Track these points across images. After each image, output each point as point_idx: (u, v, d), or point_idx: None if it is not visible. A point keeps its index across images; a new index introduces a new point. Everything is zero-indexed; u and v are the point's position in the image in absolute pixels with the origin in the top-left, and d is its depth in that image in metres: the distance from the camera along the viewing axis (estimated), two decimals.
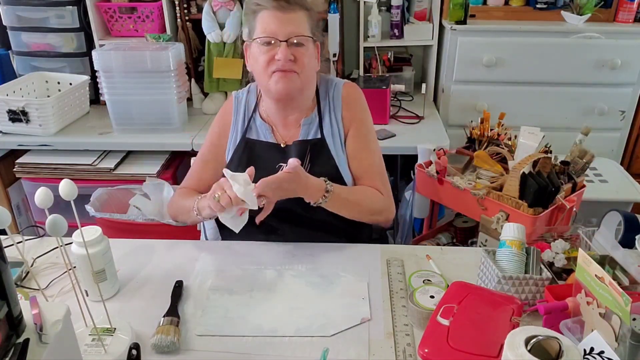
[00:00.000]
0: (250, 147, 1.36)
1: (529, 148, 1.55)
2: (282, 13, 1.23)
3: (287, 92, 1.27)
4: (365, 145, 1.36)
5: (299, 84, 1.27)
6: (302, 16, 1.26)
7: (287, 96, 1.29)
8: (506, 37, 2.26)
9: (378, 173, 1.37)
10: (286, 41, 1.22)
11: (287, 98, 1.30)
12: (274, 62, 1.24)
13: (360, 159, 1.35)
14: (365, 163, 1.35)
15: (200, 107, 2.41)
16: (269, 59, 1.24)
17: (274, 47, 1.23)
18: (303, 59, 1.25)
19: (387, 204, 1.34)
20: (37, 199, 0.88)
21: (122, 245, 1.29)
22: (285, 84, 1.25)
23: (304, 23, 1.26)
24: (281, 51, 1.22)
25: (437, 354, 0.87)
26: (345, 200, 1.26)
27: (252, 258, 1.25)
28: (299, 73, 1.26)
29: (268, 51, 1.24)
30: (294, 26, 1.23)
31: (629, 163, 2.51)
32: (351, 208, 1.28)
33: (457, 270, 1.18)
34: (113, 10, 2.36)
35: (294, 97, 1.31)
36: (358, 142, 1.35)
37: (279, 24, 1.22)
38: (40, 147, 2.18)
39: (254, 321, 1.04)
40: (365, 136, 1.37)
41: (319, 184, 1.22)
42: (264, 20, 1.24)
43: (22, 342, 0.68)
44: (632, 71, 2.26)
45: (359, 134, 1.36)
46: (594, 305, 0.85)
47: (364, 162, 1.35)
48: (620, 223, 1.24)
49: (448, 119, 2.41)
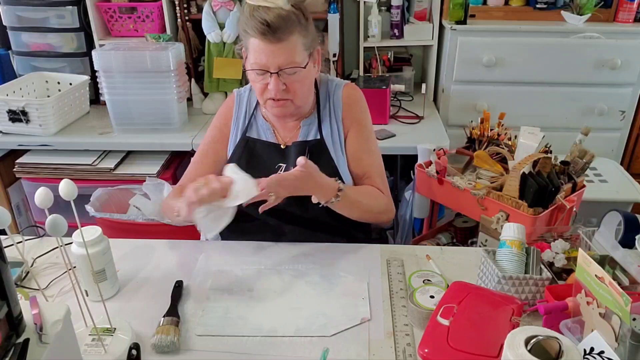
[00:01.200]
0: (250, 145, 1.36)
1: (529, 148, 1.55)
2: (272, 44, 1.17)
3: (283, 116, 1.32)
4: (365, 146, 1.36)
5: (293, 109, 1.29)
6: (294, 41, 1.19)
7: (283, 118, 1.33)
8: (506, 37, 2.26)
9: (378, 174, 1.37)
10: (277, 73, 1.20)
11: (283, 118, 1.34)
12: (267, 91, 1.24)
13: (360, 159, 1.35)
14: (365, 164, 1.36)
15: (200, 107, 2.41)
16: (262, 88, 1.24)
17: (266, 76, 1.22)
18: (296, 86, 1.24)
19: (388, 204, 1.35)
20: (37, 199, 0.88)
21: (122, 245, 1.29)
22: (279, 111, 1.28)
23: (295, 48, 1.20)
24: (272, 84, 1.21)
25: (437, 354, 0.87)
26: (355, 201, 1.26)
27: (252, 258, 1.25)
28: (293, 99, 1.26)
29: (261, 80, 1.23)
30: (284, 56, 1.19)
31: (629, 163, 2.51)
32: (359, 208, 1.28)
33: (457, 270, 1.18)
34: (113, 10, 2.36)
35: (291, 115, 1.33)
36: (358, 143, 1.35)
37: (270, 55, 1.18)
38: (40, 147, 2.18)
39: (254, 321, 1.04)
40: (366, 137, 1.37)
41: (332, 183, 1.21)
42: (255, 49, 1.20)
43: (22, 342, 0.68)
44: (632, 71, 2.26)
45: (359, 135, 1.36)
46: (594, 305, 0.85)
47: (364, 162, 1.36)
48: (620, 223, 1.24)
49: (448, 119, 2.41)
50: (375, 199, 1.32)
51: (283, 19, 1.15)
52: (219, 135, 1.40)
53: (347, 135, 1.36)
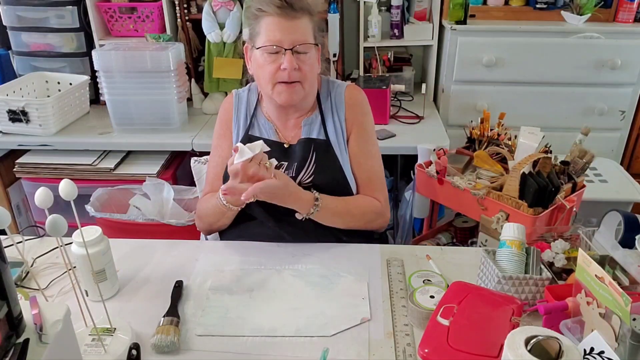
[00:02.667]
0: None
1: (529, 148, 1.55)
2: (286, 20, 1.20)
3: (290, 103, 1.30)
4: (366, 149, 1.36)
5: (302, 94, 1.29)
6: (307, 22, 1.24)
7: (290, 105, 1.32)
8: (506, 37, 2.26)
9: (377, 178, 1.37)
10: (291, 49, 1.21)
11: (289, 106, 1.33)
12: (279, 73, 1.23)
13: (360, 162, 1.35)
14: (365, 167, 1.36)
15: (200, 107, 2.41)
16: (274, 70, 1.23)
17: (280, 55, 1.22)
18: (306, 68, 1.24)
19: (381, 211, 1.35)
20: (37, 199, 0.88)
21: (122, 245, 1.29)
22: (288, 96, 1.27)
23: (308, 29, 1.24)
24: (287, 60, 1.21)
25: (437, 354, 0.87)
26: (337, 212, 1.28)
27: (252, 258, 1.25)
28: (303, 82, 1.26)
29: (274, 61, 1.23)
30: (299, 33, 1.21)
31: (629, 163, 2.51)
32: (342, 218, 1.29)
33: (457, 270, 1.18)
34: (113, 10, 2.36)
35: (296, 104, 1.33)
36: (359, 146, 1.36)
37: (284, 31, 1.20)
38: (40, 147, 2.18)
39: (254, 321, 1.04)
40: (367, 140, 1.37)
41: (308, 194, 1.24)
42: (269, 27, 1.21)
43: (22, 342, 0.68)
44: (632, 71, 2.26)
45: (360, 137, 1.36)
46: (594, 305, 0.85)
47: (364, 165, 1.36)
48: (620, 223, 1.24)
49: (448, 119, 2.41)
50: (361, 207, 1.32)
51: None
52: (224, 141, 1.40)
53: (349, 137, 1.36)
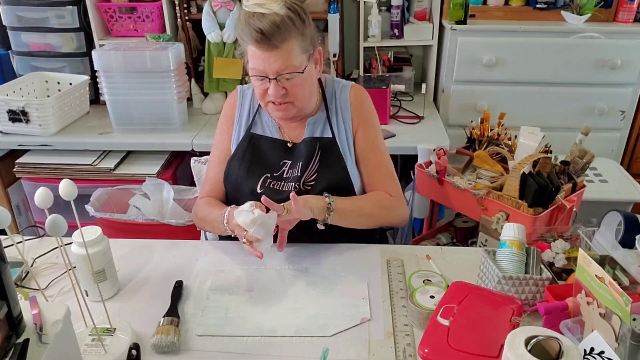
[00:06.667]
0: (254, 142, 1.36)
1: (529, 148, 1.55)
2: (268, 51, 1.17)
3: (285, 118, 1.32)
4: (374, 145, 1.37)
5: (295, 111, 1.29)
6: (289, 46, 1.18)
7: (286, 119, 1.34)
8: (506, 37, 2.26)
9: (388, 173, 1.37)
10: (275, 78, 1.21)
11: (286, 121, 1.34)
12: (267, 95, 1.24)
13: (369, 159, 1.36)
14: (374, 162, 1.36)
15: (200, 107, 2.41)
16: (264, 92, 1.25)
17: (266, 81, 1.22)
18: (296, 90, 1.24)
19: (393, 204, 1.34)
20: (37, 199, 0.88)
21: (122, 245, 1.29)
22: (281, 114, 1.29)
23: (292, 52, 1.19)
24: (271, 89, 1.22)
25: (437, 354, 0.87)
26: (352, 210, 1.26)
27: (252, 258, 1.24)
28: (294, 102, 1.26)
29: (261, 85, 1.24)
30: (281, 61, 1.19)
31: (629, 163, 2.51)
32: (360, 216, 1.28)
33: (457, 270, 1.18)
34: (113, 10, 2.36)
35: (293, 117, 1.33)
36: (367, 142, 1.36)
37: (266, 61, 1.19)
38: (40, 147, 2.18)
39: (254, 321, 1.04)
40: (374, 136, 1.37)
41: (320, 200, 1.22)
42: (252, 55, 1.21)
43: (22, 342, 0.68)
44: (632, 71, 2.26)
45: (367, 134, 1.36)
46: (594, 306, 0.85)
47: (373, 162, 1.36)
48: (620, 223, 1.24)
49: (448, 119, 2.41)
50: (377, 202, 1.31)
51: (277, 25, 1.15)
52: (227, 136, 1.40)
53: (355, 135, 1.36)
